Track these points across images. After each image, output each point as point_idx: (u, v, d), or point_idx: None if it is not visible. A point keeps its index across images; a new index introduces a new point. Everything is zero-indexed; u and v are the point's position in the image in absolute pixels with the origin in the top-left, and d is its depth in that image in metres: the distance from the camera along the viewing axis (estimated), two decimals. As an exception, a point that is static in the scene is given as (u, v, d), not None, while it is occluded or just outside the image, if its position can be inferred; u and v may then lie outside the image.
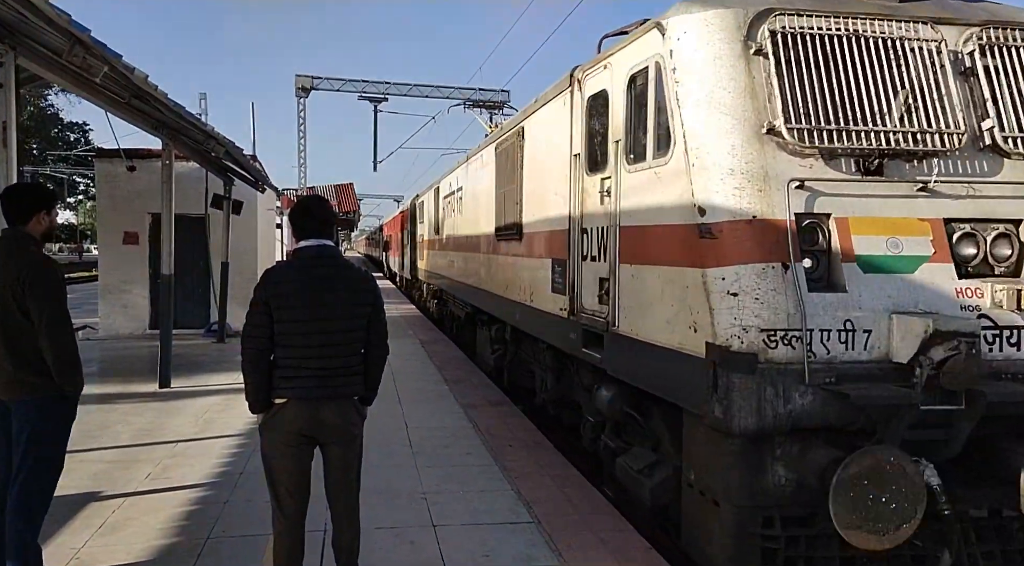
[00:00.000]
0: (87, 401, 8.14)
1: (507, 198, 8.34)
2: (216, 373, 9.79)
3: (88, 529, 4.48)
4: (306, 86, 28.03)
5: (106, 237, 14.07)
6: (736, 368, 3.57)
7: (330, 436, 3.28)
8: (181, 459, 5.97)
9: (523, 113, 7.92)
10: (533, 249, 7.21)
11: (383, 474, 5.53)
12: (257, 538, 4.26)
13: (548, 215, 6.62)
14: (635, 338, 4.62)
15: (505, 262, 8.53)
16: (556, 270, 6.30)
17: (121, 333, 13.69)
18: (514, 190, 7.95)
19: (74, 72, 5.71)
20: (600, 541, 4.42)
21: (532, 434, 6.94)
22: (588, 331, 5.44)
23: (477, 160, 10.68)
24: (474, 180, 10.82)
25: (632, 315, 4.67)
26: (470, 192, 11.28)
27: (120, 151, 12.86)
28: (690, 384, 3.96)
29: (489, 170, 9.50)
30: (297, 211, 3.42)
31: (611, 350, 5.01)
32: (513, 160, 8.00)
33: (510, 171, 8.18)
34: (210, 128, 9.36)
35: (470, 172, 11.25)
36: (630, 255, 4.71)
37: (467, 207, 11.53)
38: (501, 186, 8.73)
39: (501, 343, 9.59)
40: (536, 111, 7.21)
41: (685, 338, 4.01)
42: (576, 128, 5.80)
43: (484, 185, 9.92)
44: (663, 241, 4.27)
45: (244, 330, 3.26)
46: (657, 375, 4.41)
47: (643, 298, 4.51)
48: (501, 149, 8.76)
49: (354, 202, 45.82)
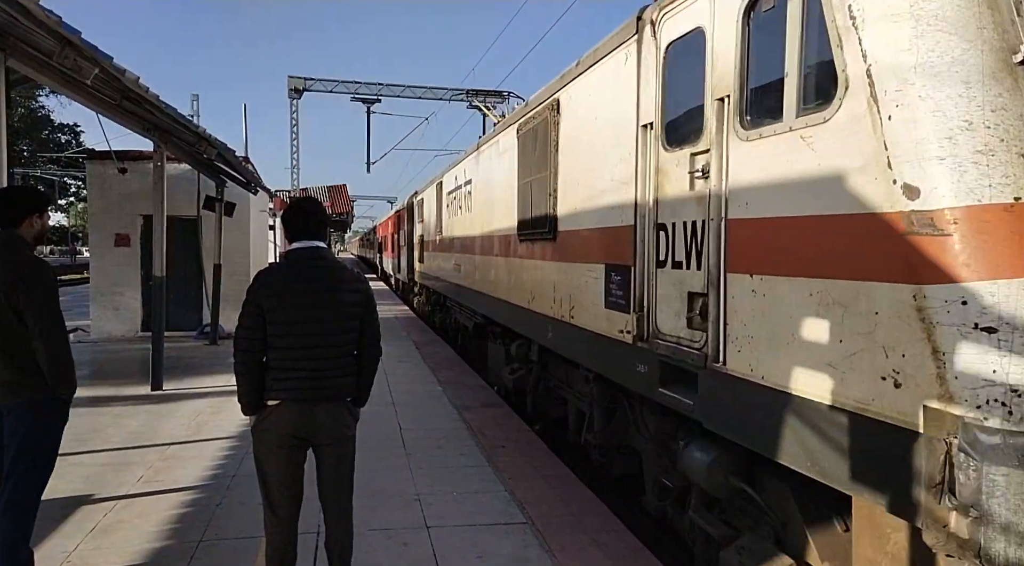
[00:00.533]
0: (79, 404, 8.11)
1: (535, 189, 6.92)
2: (208, 375, 9.76)
3: (80, 532, 4.46)
4: (298, 87, 27.97)
5: (97, 239, 14.00)
6: (1001, 457, 2.20)
7: (323, 438, 3.27)
8: (173, 462, 5.95)
9: (559, 81, 6.31)
10: (573, 251, 5.84)
11: (376, 475, 5.53)
12: (249, 540, 4.26)
13: (598, 206, 5.24)
14: (758, 382, 3.23)
15: (531, 267, 7.17)
16: (613, 279, 4.91)
17: (113, 335, 13.64)
18: (545, 178, 6.51)
19: (65, 74, 5.70)
20: (593, 542, 4.44)
21: (526, 435, 6.95)
22: (669, 365, 4.08)
23: (491, 148, 9.15)
24: (487, 171, 9.44)
25: (753, 348, 3.29)
26: (482, 185, 9.84)
27: (112, 153, 12.81)
28: (882, 469, 2.59)
29: (508, 158, 8.04)
30: (291, 212, 3.41)
31: (711, 395, 3.63)
32: (544, 141, 6.55)
33: (539, 155, 6.76)
34: (202, 130, 9.34)
35: (482, 162, 9.81)
36: (748, 261, 3.34)
37: (478, 202, 10.09)
38: (526, 175, 7.30)
39: (523, 362, 8.19)
40: (579, 76, 5.71)
41: (872, 394, 2.60)
42: (647, 89, 4.40)
43: (501, 176, 8.53)
44: (821, 239, 2.88)
45: (236, 332, 3.25)
46: (804, 444, 2.96)
47: (776, 325, 3.14)
48: (526, 130, 7.29)
49: (347, 203, 45.82)
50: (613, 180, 4.95)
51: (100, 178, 13.79)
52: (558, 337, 6.23)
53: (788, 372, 3.06)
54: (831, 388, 2.81)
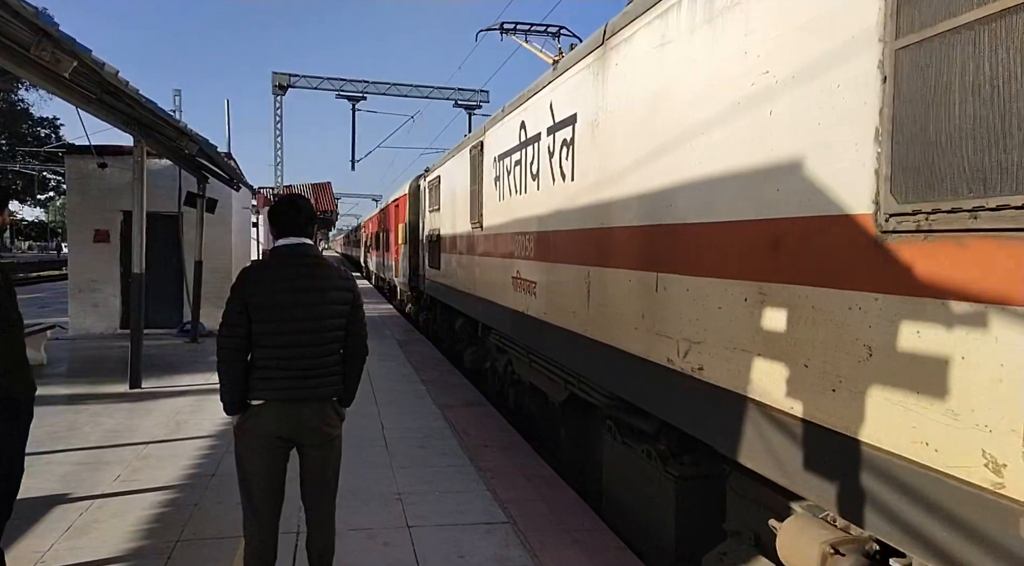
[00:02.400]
0: (55, 402, 8.06)
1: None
2: (188, 373, 9.65)
3: (54, 532, 4.39)
4: (283, 84, 27.80)
5: (76, 235, 13.82)
6: None
7: (308, 438, 3.23)
8: (151, 461, 5.88)
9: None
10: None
11: (358, 475, 5.50)
12: (229, 541, 4.21)
13: None
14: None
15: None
16: None
17: (92, 333, 13.46)
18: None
19: (42, 67, 5.60)
20: (575, 540, 4.43)
21: (508, 434, 6.94)
22: None
23: (622, 52, 4.30)
24: (621, 99, 4.34)
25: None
26: (606, 128, 4.59)
27: (91, 147, 12.65)
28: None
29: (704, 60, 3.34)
30: (281, 207, 3.34)
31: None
32: None
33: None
34: (183, 125, 9.24)
35: (607, 83, 4.57)
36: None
37: (596, 163, 4.72)
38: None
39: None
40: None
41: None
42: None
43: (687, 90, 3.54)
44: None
45: (220, 330, 3.19)
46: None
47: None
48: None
49: (332, 201, 45.60)
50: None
51: (79, 173, 13.61)
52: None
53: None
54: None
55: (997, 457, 1.89)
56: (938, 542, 2.06)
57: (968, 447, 1.98)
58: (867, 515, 2.34)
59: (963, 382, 2.00)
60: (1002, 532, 1.86)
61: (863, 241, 2.36)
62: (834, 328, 2.49)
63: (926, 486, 2.10)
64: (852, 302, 2.41)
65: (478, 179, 8.61)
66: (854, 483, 2.38)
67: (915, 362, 2.16)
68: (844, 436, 2.43)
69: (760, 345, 2.91)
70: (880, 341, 2.30)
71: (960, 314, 2.01)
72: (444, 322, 12.81)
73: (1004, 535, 1.85)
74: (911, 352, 2.18)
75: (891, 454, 2.23)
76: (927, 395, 2.11)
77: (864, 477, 2.34)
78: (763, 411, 2.86)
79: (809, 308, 2.62)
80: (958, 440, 2.01)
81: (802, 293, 2.66)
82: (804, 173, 2.65)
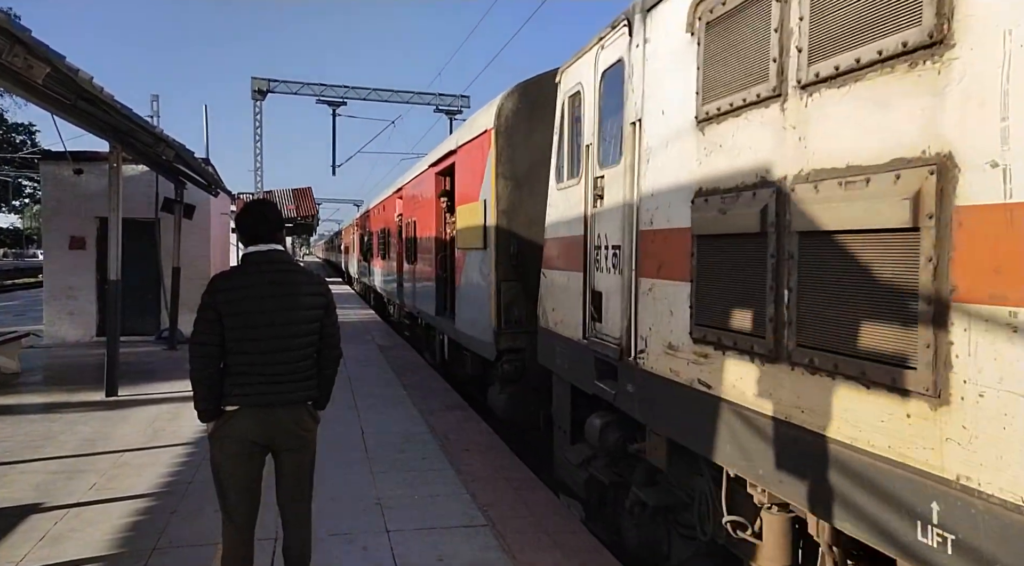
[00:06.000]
0: (31, 411, 7.97)
1: None
2: (166, 381, 9.56)
3: (28, 541, 4.35)
4: (262, 89, 27.69)
5: (52, 241, 13.66)
6: None
7: (283, 443, 3.23)
8: (128, 469, 5.83)
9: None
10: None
11: (337, 480, 5.49)
12: (206, 548, 4.20)
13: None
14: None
15: None
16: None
17: (68, 340, 13.31)
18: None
19: (15, 73, 5.56)
20: (554, 543, 4.46)
21: (488, 438, 6.96)
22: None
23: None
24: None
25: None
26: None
27: (67, 153, 12.52)
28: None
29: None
30: (245, 215, 3.34)
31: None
32: None
33: None
34: (159, 131, 9.19)
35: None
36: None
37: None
38: None
39: None
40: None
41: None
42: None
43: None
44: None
45: (192, 337, 3.18)
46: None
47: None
48: None
49: (312, 206, 45.25)
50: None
51: (55, 179, 13.47)
52: None
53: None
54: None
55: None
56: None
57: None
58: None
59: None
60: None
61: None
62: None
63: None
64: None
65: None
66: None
67: None
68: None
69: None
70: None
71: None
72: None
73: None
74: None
75: None
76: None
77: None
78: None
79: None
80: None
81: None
82: None
